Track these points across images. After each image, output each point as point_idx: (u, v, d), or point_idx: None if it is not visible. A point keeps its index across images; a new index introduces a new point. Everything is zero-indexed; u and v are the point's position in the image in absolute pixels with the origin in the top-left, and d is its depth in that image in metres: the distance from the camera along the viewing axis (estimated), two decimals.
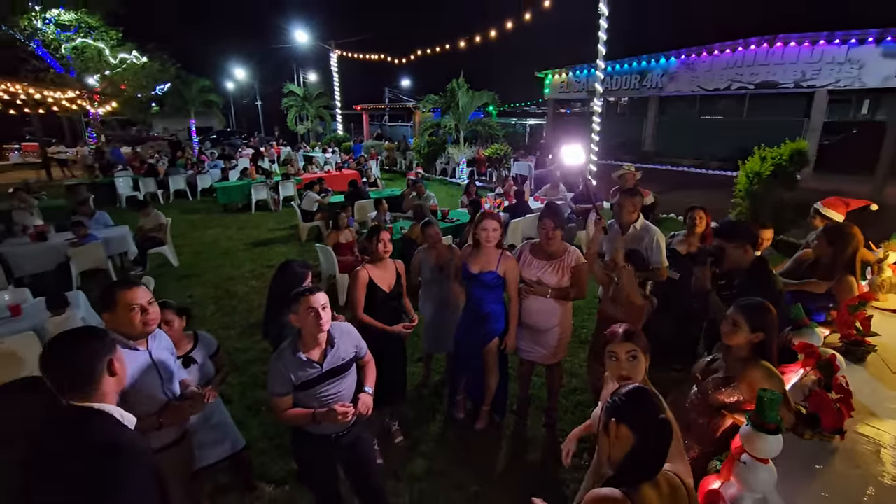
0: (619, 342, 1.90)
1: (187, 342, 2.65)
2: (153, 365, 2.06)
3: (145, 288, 2.07)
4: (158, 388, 2.06)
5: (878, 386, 2.44)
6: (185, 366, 2.56)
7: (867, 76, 14.74)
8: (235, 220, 10.27)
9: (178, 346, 2.54)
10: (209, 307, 5.65)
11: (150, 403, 2.02)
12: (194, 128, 21.97)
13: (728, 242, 2.47)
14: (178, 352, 2.51)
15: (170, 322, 2.51)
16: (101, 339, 1.59)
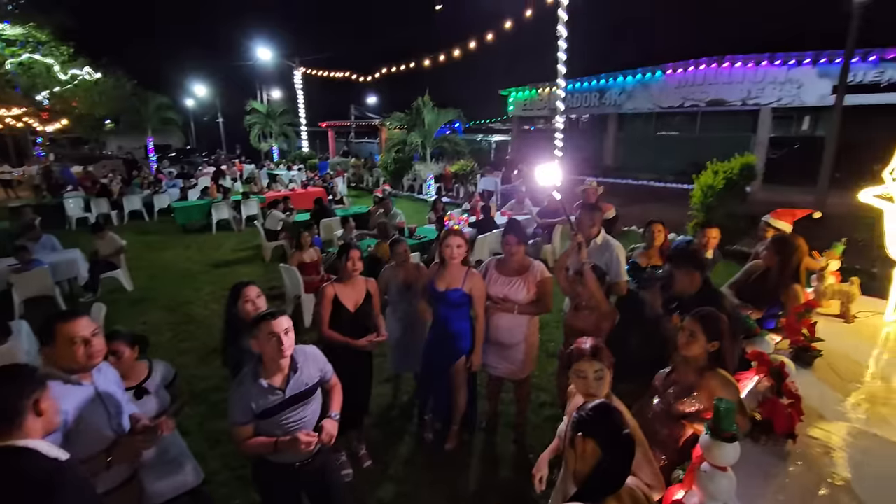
0: (587, 360, 1.92)
1: (140, 372, 2.52)
2: (99, 400, 1.94)
3: (88, 319, 1.96)
4: (105, 425, 1.94)
5: (825, 389, 2.56)
6: (137, 397, 2.43)
7: (806, 95, 15.85)
8: (195, 241, 9.93)
9: (129, 376, 2.42)
10: (165, 333, 5.41)
11: (97, 441, 1.90)
12: (152, 146, 21.21)
13: (676, 269, 2.58)
14: (130, 382, 2.39)
15: (119, 352, 2.39)
16: (26, 378, 1.50)
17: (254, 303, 2.64)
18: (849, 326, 3.40)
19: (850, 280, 3.49)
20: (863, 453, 2.05)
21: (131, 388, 2.37)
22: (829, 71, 14.94)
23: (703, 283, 2.56)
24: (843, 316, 3.44)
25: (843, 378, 2.67)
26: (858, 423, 2.28)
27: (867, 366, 2.87)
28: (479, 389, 4.15)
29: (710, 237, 4.06)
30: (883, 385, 2.66)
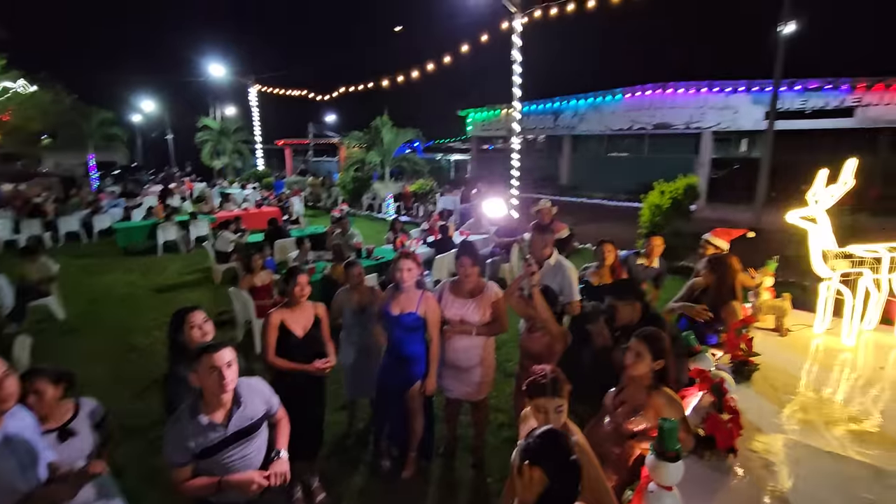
0: (548, 398, 1.92)
1: (65, 411, 2.30)
2: (7, 450, 1.75)
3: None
4: (16, 477, 1.75)
5: (762, 402, 2.68)
6: (61, 440, 2.23)
7: (742, 120, 17.09)
8: (138, 264, 9.39)
9: (51, 417, 2.22)
10: (102, 364, 5.03)
11: (6, 496, 1.71)
12: (93, 163, 20.12)
13: (618, 301, 2.68)
14: (52, 424, 2.19)
15: (41, 392, 2.18)
16: None
17: (201, 328, 2.49)
18: (783, 340, 3.60)
19: (782, 295, 3.71)
20: (797, 464, 2.15)
21: (53, 431, 2.17)
22: (761, 98, 16.18)
23: (643, 310, 2.66)
24: (778, 330, 3.65)
25: (778, 390, 2.81)
26: (793, 435, 2.39)
27: (800, 377, 3.04)
28: (437, 413, 4.11)
29: (655, 245, 4.34)
30: (814, 395, 2.81)
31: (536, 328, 3.05)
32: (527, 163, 20.18)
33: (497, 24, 12.15)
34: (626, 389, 2.22)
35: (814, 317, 3.75)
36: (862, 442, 2.34)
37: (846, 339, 3.54)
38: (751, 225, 12.84)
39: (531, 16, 11.53)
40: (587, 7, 10.42)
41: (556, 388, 1.92)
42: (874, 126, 15.14)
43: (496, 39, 12.53)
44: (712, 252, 4.11)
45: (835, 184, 3.48)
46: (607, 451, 2.22)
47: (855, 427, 2.48)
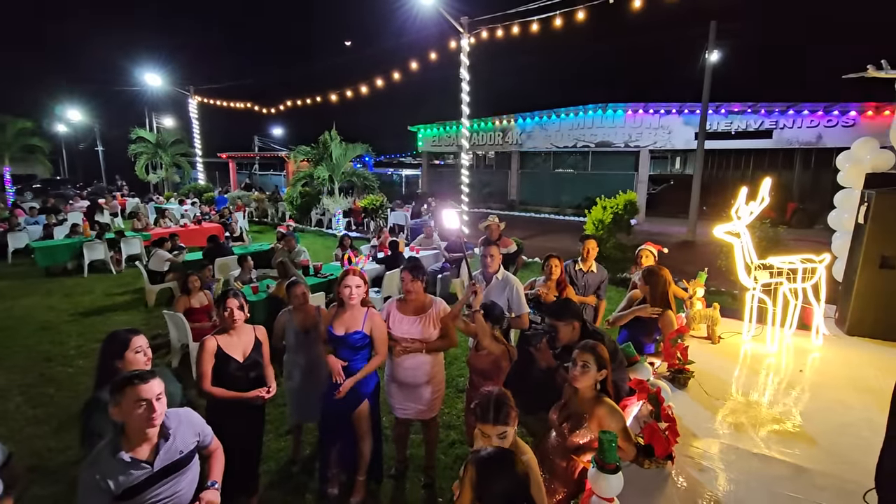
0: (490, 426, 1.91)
1: None
2: None
3: None
4: None
5: (697, 408, 2.82)
6: None
7: (675, 139, 18.29)
8: (61, 286, 8.63)
9: None
10: (14, 399, 4.54)
11: None
12: (9, 176, 18.47)
13: (558, 321, 2.74)
14: None
15: None
16: None
17: (145, 353, 2.31)
18: (715, 347, 3.82)
19: (713, 305, 3.94)
20: (729, 467, 2.26)
21: None
22: (691, 119, 17.41)
23: (582, 328, 2.73)
24: (710, 338, 3.88)
25: (711, 396, 2.96)
26: (725, 438, 2.52)
27: (731, 382, 3.22)
28: (386, 433, 4.01)
29: (589, 248, 4.40)
30: (743, 399, 2.99)
31: (483, 345, 3.06)
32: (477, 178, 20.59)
33: (446, 43, 12.40)
34: (570, 402, 2.26)
35: (742, 324, 4.02)
36: (784, 442, 2.50)
37: (770, 345, 3.80)
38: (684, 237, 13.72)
39: (478, 36, 11.85)
40: (531, 30, 10.83)
41: (499, 415, 1.89)
42: (790, 146, 16.66)
43: (446, 58, 12.77)
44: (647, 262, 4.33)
45: (754, 200, 3.76)
46: (555, 464, 2.24)
47: (778, 428, 2.65)
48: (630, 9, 9.56)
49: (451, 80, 12.80)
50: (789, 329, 4.00)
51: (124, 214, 17.59)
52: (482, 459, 1.55)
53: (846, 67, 5.77)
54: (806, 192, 17.58)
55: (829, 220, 5.77)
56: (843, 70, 5.89)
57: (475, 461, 1.56)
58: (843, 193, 5.51)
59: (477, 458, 1.58)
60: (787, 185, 17.54)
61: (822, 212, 14.61)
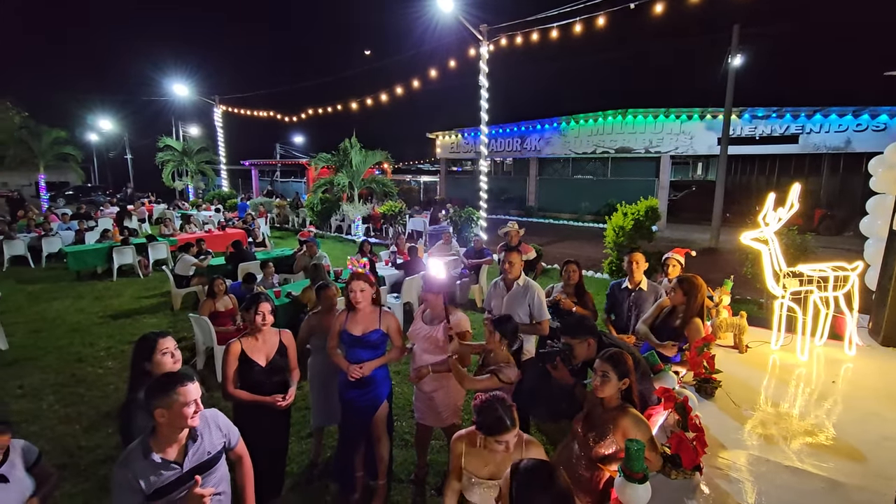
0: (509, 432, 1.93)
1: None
2: None
3: None
4: None
5: (725, 419, 2.75)
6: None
7: (697, 145, 17.98)
8: (92, 290, 8.91)
9: None
10: (47, 398, 4.69)
11: None
12: (44, 183, 19.18)
13: (572, 339, 2.71)
14: None
15: None
16: None
17: (173, 354, 2.36)
18: (742, 356, 3.73)
19: (739, 313, 3.85)
20: (759, 480, 2.20)
21: None
22: (713, 124, 17.11)
23: (599, 342, 2.69)
24: (737, 347, 3.78)
25: (739, 406, 2.89)
26: (754, 450, 2.45)
27: (759, 393, 3.14)
28: (407, 438, 4.02)
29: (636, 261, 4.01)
30: (773, 410, 2.91)
31: (489, 363, 2.93)
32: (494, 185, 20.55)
33: (465, 51, 12.48)
34: (593, 412, 2.23)
35: (770, 333, 3.91)
36: (817, 455, 2.42)
37: (800, 355, 3.69)
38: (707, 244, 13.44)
39: (497, 44, 11.90)
40: (551, 37, 10.83)
41: (512, 417, 1.93)
42: (816, 151, 16.23)
43: (465, 65, 12.85)
44: (673, 271, 4.25)
45: (782, 206, 3.68)
46: (578, 474, 2.21)
47: (811, 440, 2.57)
48: (651, 14, 9.49)
49: (470, 87, 12.88)
50: (820, 339, 3.89)
51: (151, 220, 18.10)
52: (522, 473, 1.48)
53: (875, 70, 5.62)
54: (834, 198, 17.07)
55: (861, 227, 5.59)
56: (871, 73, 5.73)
57: (515, 475, 1.48)
58: (876, 199, 5.33)
59: (516, 471, 1.49)
60: (815, 191, 17.08)
61: (850, 218, 14.19)
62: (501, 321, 2.87)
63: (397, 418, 4.28)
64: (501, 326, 2.84)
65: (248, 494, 2.24)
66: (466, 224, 13.01)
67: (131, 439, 2.00)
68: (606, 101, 21.96)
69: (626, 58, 35.39)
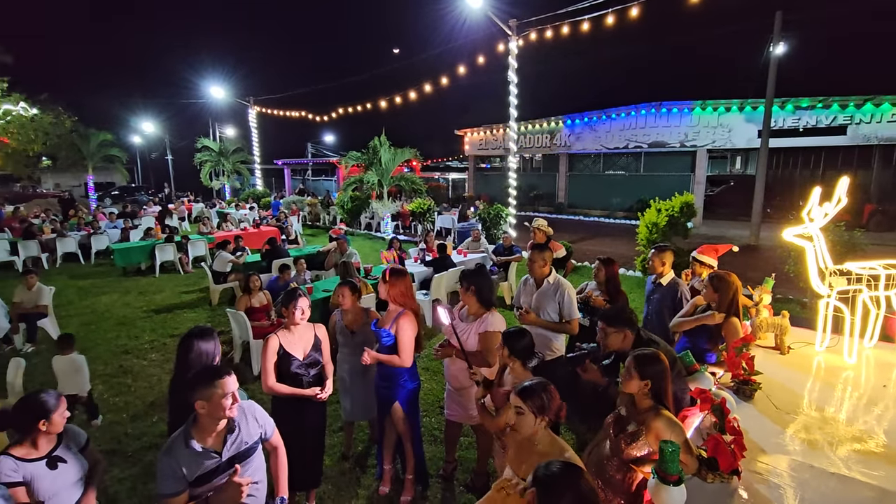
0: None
1: (48, 441, 2.24)
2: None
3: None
4: None
5: (765, 422, 2.65)
6: (51, 467, 2.18)
7: (736, 138, 17.30)
8: (136, 285, 9.35)
9: (38, 446, 2.16)
10: (97, 387, 4.95)
11: None
12: (92, 184, 20.21)
13: (609, 326, 2.64)
14: (38, 453, 2.14)
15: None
16: None
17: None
18: (784, 357, 3.58)
19: (781, 313, 3.70)
20: (803, 486, 2.11)
21: (41, 459, 2.12)
22: (753, 116, 16.42)
23: (636, 338, 2.63)
24: (779, 348, 3.63)
25: (781, 410, 2.78)
26: (797, 455, 2.36)
27: (802, 396, 3.01)
28: (436, 434, 4.05)
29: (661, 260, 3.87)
30: (818, 415, 2.78)
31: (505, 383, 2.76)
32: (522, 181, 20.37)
33: (494, 46, 12.40)
34: (625, 413, 2.19)
35: (814, 334, 3.74)
36: (867, 462, 2.30)
37: (848, 357, 3.52)
38: (747, 241, 12.91)
39: (526, 38, 11.77)
40: (581, 30, 10.63)
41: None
42: (867, 143, 15.35)
43: (493, 61, 12.77)
44: (701, 270, 4.12)
45: (829, 201, 3.51)
46: (609, 475, 2.18)
47: (859, 447, 2.45)
48: (686, 2, 9.18)
49: (499, 83, 12.79)
50: (870, 340, 3.69)
51: (191, 219, 18.81)
52: (546, 476, 1.47)
53: None
54: (886, 192, 16.10)
55: None
56: None
57: (538, 478, 1.47)
58: None
59: (540, 474, 1.48)
60: (865, 185, 16.14)
61: None
62: (512, 336, 2.60)
63: (426, 414, 4.32)
64: (511, 342, 2.57)
65: (282, 482, 2.31)
66: (495, 221, 12.96)
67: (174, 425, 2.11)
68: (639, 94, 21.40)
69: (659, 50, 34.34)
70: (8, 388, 3.87)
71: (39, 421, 2.09)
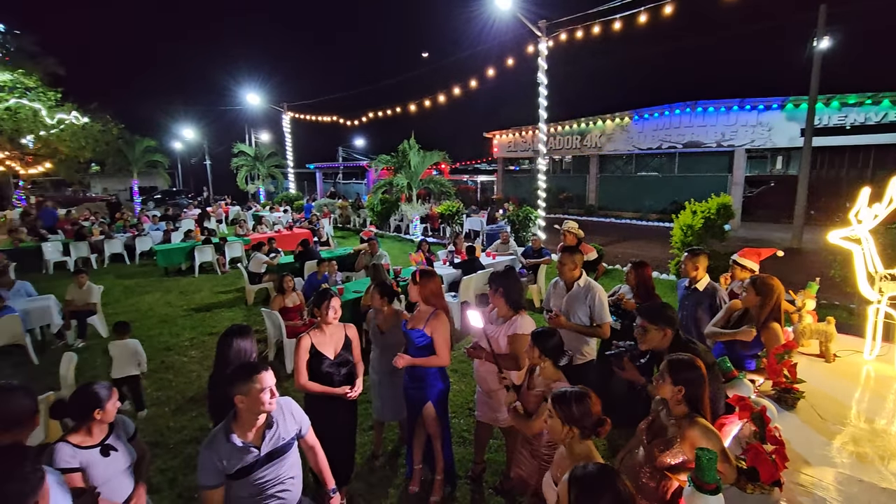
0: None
1: (101, 430, 2.38)
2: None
3: None
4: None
5: (809, 433, 2.54)
6: (104, 454, 2.30)
7: (777, 137, 16.63)
8: (177, 284, 9.75)
9: (92, 433, 2.29)
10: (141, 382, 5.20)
11: None
12: (136, 188, 21.20)
13: (650, 324, 2.58)
14: (91, 440, 2.27)
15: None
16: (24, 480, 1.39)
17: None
18: (830, 366, 3.42)
19: (826, 319, 3.54)
20: (850, 501, 2.02)
21: (94, 447, 2.24)
22: (795, 114, 15.74)
23: (674, 337, 2.56)
24: (823, 355, 3.47)
25: (826, 420, 2.66)
26: (845, 468, 2.25)
27: (850, 406, 2.86)
28: (465, 436, 4.06)
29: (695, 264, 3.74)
30: (867, 426, 2.65)
31: (535, 385, 2.73)
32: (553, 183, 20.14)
33: (523, 48, 12.34)
34: (659, 419, 2.15)
35: (862, 342, 3.55)
36: None
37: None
38: (789, 244, 12.37)
39: (556, 39, 11.66)
40: (613, 29, 10.45)
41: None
42: None
43: (522, 63, 12.70)
44: (742, 274, 3.98)
45: (879, 202, 3.33)
46: (642, 482, 2.14)
47: None
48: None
49: (528, 85, 12.70)
50: None
51: (228, 221, 19.47)
52: (584, 476, 1.46)
53: None
54: None
55: None
56: None
57: (574, 479, 1.46)
58: None
59: (576, 476, 1.47)
60: None
61: None
62: (541, 335, 2.62)
63: (455, 416, 4.34)
64: (541, 341, 2.60)
65: (328, 476, 2.40)
66: (524, 223, 12.87)
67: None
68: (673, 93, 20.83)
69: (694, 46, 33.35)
70: (61, 380, 4.11)
71: (94, 410, 2.22)
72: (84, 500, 1.95)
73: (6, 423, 1.72)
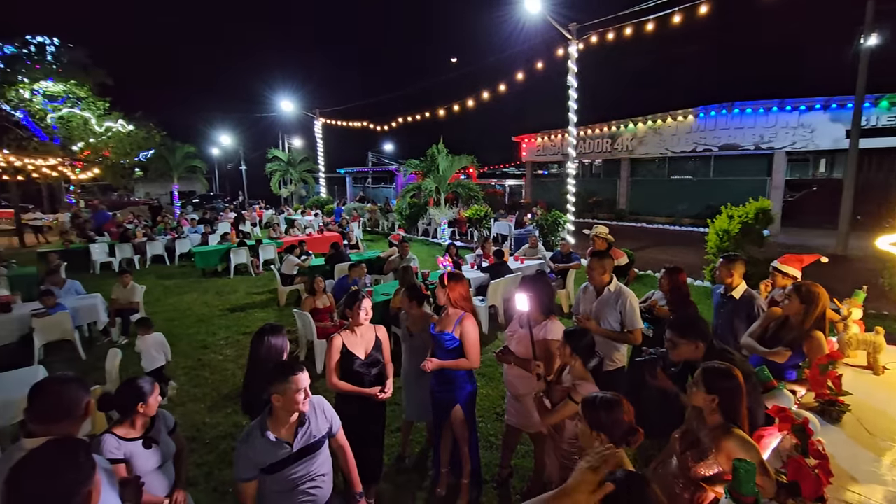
0: None
1: (143, 423, 2.49)
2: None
3: None
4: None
5: (856, 448, 2.42)
6: (146, 446, 2.41)
7: (819, 139, 15.92)
8: (213, 285, 10.10)
9: (134, 426, 2.40)
10: (178, 378, 5.40)
11: None
12: (176, 192, 22.11)
13: (681, 338, 2.52)
14: (135, 433, 2.37)
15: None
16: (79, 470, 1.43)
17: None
18: (878, 378, 3.24)
19: (874, 329, 3.36)
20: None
21: (137, 439, 2.35)
22: (840, 115, 15.04)
23: (709, 347, 2.49)
24: (871, 367, 3.30)
25: (875, 436, 2.52)
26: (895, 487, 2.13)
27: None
28: (491, 440, 4.05)
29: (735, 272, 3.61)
30: None
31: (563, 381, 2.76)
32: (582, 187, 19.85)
33: (553, 51, 12.25)
34: (693, 429, 2.09)
35: None
36: None
37: None
38: (833, 251, 11.80)
39: (587, 41, 11.53)
40: (645, 30, 10.26)
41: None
42: None
43: (552, 66, 12.61)
44: (784, 281, 3.82)
45: None
46: (675, 493, 2.09)
47: None
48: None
49: (557, 88, 12.60)
50: None
51: (262, 224, 20.04)
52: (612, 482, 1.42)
53: None
54: None
55: None
56: None
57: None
58: None
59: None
60: None
61: None
62: (574, 334, 2.66)
63: (482, 420, 4.33)
64: (573, 340, 2.63)
65: (356, 478, 2.44)
66: (553, 228, 12.75)
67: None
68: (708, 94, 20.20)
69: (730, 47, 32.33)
70: (106, 375, 4.31)
71: (138, 403, 2.33)
72: (129, 491, 2.05)
73: (63, 413, 1.83)
